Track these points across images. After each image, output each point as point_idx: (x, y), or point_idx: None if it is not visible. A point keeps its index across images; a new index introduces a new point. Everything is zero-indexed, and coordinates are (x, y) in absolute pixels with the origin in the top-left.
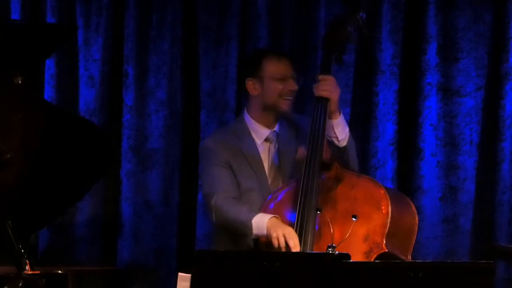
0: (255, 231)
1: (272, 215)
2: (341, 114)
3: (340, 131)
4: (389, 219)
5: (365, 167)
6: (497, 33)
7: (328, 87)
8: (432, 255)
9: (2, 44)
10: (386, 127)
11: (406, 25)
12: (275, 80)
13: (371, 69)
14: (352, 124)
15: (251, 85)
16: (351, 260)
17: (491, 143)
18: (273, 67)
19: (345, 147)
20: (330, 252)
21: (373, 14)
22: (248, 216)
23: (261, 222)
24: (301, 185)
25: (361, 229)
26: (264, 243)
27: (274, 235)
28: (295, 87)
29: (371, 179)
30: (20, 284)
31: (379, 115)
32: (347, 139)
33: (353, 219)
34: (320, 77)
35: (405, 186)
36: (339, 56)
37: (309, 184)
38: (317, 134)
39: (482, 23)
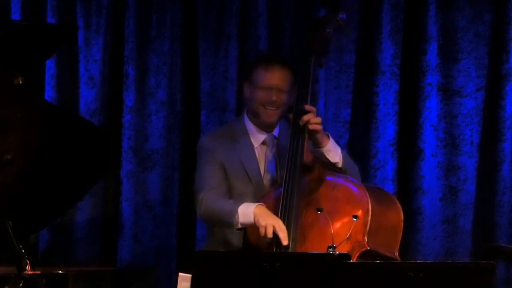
0: (241, 219)
1: (258, 203)
2: (330, 138)
3: (333, 156)
4: (369, 217)
5: (366, 168)
6: (497, 33)
7: (317, 120)
8: (432, 255)
9: (2, 44)
10: (387, 128)
11: (406, 25)
12: (258, 88)
13: (372, 70)
14: (352, 125)
15: (245, 88)
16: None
17: (491, 143)
18: (259, 76)
19: (341, 168)
20: (330, 252)
21: (373, 14)
22: (233, 205)
23: (247, 210)
24: (283, 188)
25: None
26: (252, 233)
27: (263, 224)
28: (280, 98)
29: (351, 178)
30: (21, 284)
31: (380, 115)
32: (341, 160)
33: (354, 219)
34: (306, 107)
35: (405, 186)
36: (319, 59)
37: (290, 187)
38: (296, 146)
39: (482, 23)
